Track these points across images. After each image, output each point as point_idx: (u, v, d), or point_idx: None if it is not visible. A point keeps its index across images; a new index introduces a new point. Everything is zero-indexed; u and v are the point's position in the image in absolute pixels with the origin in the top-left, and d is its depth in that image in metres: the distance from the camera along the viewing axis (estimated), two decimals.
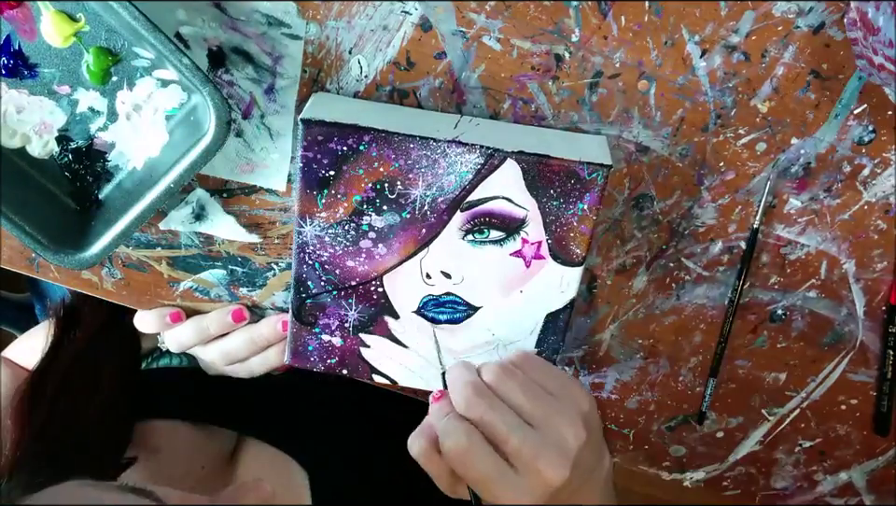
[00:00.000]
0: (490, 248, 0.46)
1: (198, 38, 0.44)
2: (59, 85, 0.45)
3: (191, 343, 0.54)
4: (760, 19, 0.43)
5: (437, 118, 0.45)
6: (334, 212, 0.45)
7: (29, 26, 0.43)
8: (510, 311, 0.48)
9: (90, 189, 0.48)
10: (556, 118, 0.46)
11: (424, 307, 0.48)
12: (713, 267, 0.52)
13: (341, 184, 0.44)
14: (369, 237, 0.46)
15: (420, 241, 0.45)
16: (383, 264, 0.46)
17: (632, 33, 0.43)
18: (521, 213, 0.44)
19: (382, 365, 0.51)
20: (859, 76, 0.44)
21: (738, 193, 0.49)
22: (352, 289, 0.48)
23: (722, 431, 0.59)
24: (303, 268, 0.47)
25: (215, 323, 0.53)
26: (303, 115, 0.42)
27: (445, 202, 0.44)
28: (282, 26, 0.44)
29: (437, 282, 0.47)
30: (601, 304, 0.53)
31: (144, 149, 0.47)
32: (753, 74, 0.45)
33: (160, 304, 0.54)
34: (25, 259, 0.53)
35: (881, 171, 0.48)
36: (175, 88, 0.45)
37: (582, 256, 0.46)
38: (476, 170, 0.43)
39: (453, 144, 0.42)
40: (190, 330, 0.54)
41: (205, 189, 0.49)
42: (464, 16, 0.43)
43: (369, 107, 0.45)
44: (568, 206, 0.44)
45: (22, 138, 0.46)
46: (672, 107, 0.46)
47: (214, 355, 0.54)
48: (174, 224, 0.50)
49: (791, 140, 0.47)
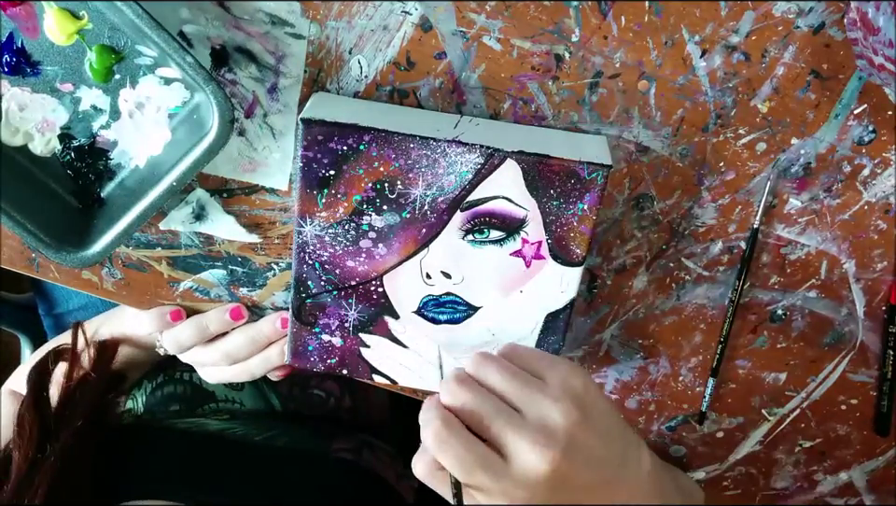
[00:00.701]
0: (490, 248, 0.46)
1: (201, 37, 0.44)
2: (61, 83, 0.45)
3: (191, 342, 0.54)
4: (760, 19, 0.43)
5: (437, 117, 0.46)
6: (334, 212, 0.45)
7: (32, 24, 0.43)
8: (510, 311, 0.48)
9: (92, 188, 0.48)
10: (556, 118, 0.46)
11: (424, 307, 0.48)
12: (713, 267, 0.52)
13: (341, 184, 0.44)
14: (369, 237, 0.46)
15: (420, 241, 0.46)
16: (383, 264, 0.46)
17: (632, 33, 0.44)
18: (521, 213, 0.44)
19: (382, 365, 0.51)
20: (859, 76, 0.45)
21: (738, 193, 0.49)
22: (352, 289, 0.48)
23: (722, 431, 0.59)
24: (303, 268, 0.47)
25: (214, 321, 0.53)
26: (303, 114, 0.42)
27: (445, 201, 0.44)
28: (285, 25, 0.44)
29: (437, 282, 0.47)
30: (601, 304, 0.53)
31: (146, 148, 0.47)
32: (753, 74, 0.45)
33: (160, 304, 0.54)
34: (26, 259, 0.53)
35: (881, 171, 0.48)
36: (178, 86, 0.45)
37: (583, 256, 0.46)
38: (476, 170, 0.43)
39: (453, 144, 0.43)
40: (190, 329, 0.54)
41: (206, 188, 0.50)
42: (464, 16, 0.44)
43: (369, 107, 0.45)
44: (568, 206, 0.44)
45: (25, 136, 0.46)
46: (672, 107, 0.46)
47: (215, 356, 0.54)
48: (174, 224, 0.50)
49: (792, 140, 0.47)
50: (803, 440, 0.59)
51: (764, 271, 0.52)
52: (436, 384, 0.51)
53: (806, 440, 0.59)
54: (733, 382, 0.57)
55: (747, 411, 0.58)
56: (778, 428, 0.59)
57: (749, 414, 0.58)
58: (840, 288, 0.52)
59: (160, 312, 0.54)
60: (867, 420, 0.58)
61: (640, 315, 0.54)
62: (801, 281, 0.52)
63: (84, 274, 0.53)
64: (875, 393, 0.57)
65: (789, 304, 0.53)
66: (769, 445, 0.60)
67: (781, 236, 0.51)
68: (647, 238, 0.51)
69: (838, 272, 0.52)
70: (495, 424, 0.38)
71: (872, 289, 0.52)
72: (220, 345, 0.54)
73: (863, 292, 0.52)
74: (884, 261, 0.51)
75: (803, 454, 0.60)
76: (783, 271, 0.52)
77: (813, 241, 0.51)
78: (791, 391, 0.57)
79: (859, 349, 0.55)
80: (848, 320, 0.54)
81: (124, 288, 0.54)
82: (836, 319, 0.54)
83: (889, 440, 0.58)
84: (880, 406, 0.57)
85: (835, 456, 0.60)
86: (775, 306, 0.53)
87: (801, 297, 0.53)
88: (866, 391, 0.57)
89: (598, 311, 0.54)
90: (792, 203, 0.49)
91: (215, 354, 0.54)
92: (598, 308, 0.54)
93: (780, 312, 0.53)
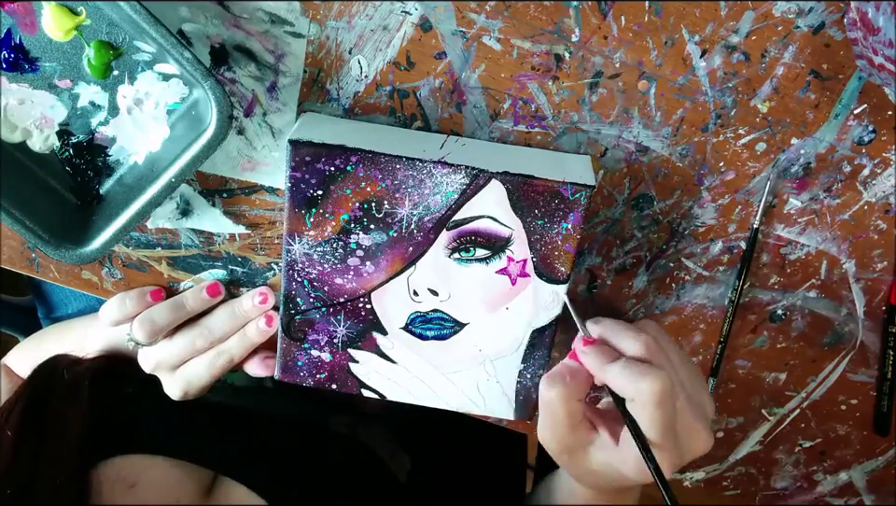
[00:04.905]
0: (476, 266, 0.46)
1: (200, 36, 0.44)
2: (60, 79, 0.45)
3: (165, 321, 0.51)
4: (760, 19, 0.43)
5: (423, 138, 0.46)
6: (322, 230, 0.45)
7: (30, 20, 0.43)
8: (496, 327, 0.48)
9: (90, 184, 0.48)
10: (556, 118, 0.46)
11: (411, 323, 0.48)
12: (713, 267, 0.52)
13: (329, 203, 0.44)
14: (356, 255, 0.46)
15: (407, 259, 0.46)
16: (370, 281, 0.47)
17: (632, 33, 0.44)
18: (506, 232, 0.45)
19: (370, 380, 0.51)
20: (859, 76, 0.45)
21: (738, 193, 0.49)
22: (340, 306, 0.48)
23: (722, 431, 0.59)
24: (292, 285, 0.48)
25: (191, 298, 0.52)
26: (291, 136, 0.43)
27: (432, 221, 0.45)
28: (285, 24, 0.44)
29: (424, 299, 0.47)
30: (601, 304, 0.53)
31: (145, 144, 0.47)
32: (753, 74, 0.45)
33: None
34: (26, 259, 0.53)
35: (881, 171, 0.48)
36: (177, 82, 0.45)
37: (567, 273, 0.46)
38: (462, 190, 0.44)
39: (438, 164, 0.43)
40: (165, 308, 0.51)
41: (206, 188, 0.49)
42: (464, 16, 0.44)
43: (356, 127, 0.46)
44: (553, 225, 0.45)
45: (23, 133, 0.46)
46: (672, 107, 0.46)
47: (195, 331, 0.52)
48: (160, 221, 0.50)
49: (791, 140, 0.47)
50: (803, 440, 0.59)
51: (764, 271, 0.52)
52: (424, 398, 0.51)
53: (806, 440, 0.59)
54: (733, 382, 0.57)
55: (747, 411, 0.58)
56: (778, 428, 0.59)
57: (748, 414, 0.58)
58: (840, 288, 0.52)
59: (140, 291, 0.52)
60: (867, 420, 0.58)
61: (640, 315, 0.54)
62: (801, 281, 0.52)
63: (84, 274, 0.53)
64: (874, 393, 0.57)
65: (789, 304, 0.53)
66: (769, 445, 0.59)
67: (781, 236, 0.51)
68: (647, 238, 0.51)
69: (838, 272, 0.52)
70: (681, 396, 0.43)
71: (871, 289, 0.52)
72: (201, 320, 0.52)
73: (863, 292, 0.52)
74: (884, 261, 0.51)
75: (803, 454, 0.60)
76: (783, 271, 0.52)
77: (813, 241, 0.51)
78: (790, 391, 0.57)
79: (858, 349, 0.55)
80: (848, 320, 0.54)
81: (124, 288, 0.54)
82: (836, 319, 0.54)
83: (888, 440, 0.58)
84: (880, 406, 0.57)
85: (835, 456, 0.60)
86: (774, 306, 0.53)
87: (801, 297, 0.53)
88: (866, 391, 0.57)
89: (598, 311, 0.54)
90: (792, 203, 0.49)
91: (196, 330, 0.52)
92: (598, 308, 0.54)
93: (780, 312, 0.53)
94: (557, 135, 0.47)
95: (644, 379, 0.41)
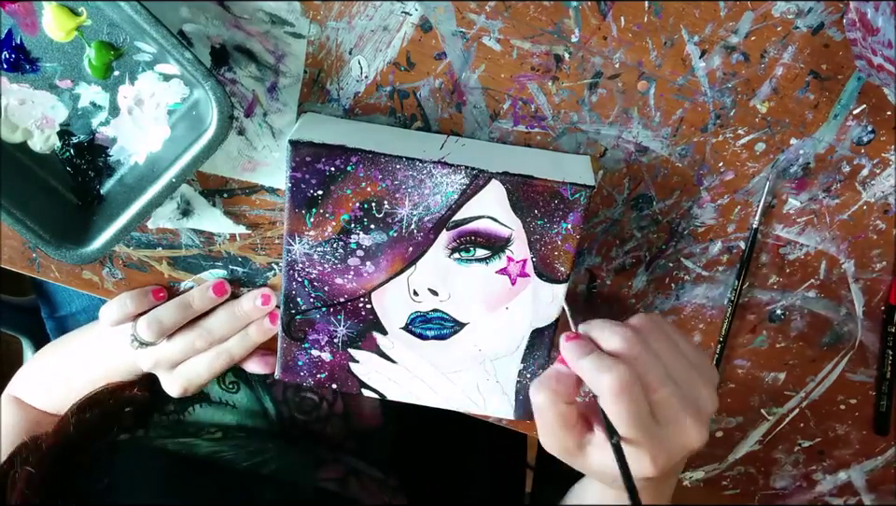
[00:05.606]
0: (476, 266, 0.46)
1: (201, 36, 0.44)
2: (60, 79, 0.45)
3: (172, 321, 0.51)
4: (759, 19, 0.43)
5: (423, 138, 0.46)
6: (323, 231, 0.45)
7: (30, 20, 0.43)
8: (496, 327, 0.48)
9: (91, 184, 0.48)
10: (556, 118, 0.47)
11: (411, 323, 0.49)
12: (712, 267, 0.52)
13: (329, 203, 0.45)
14: (357, 255, 0.46)
15: (407, 259, 0.46)
16: (371, 281, 0.47)
17: (631, 33, 0.44)
18: (506, 232, 0.45)
19: (371, 380, 0.51)
20: (858, 76, 0.45)
21: (738, 193, 0.49)
22: (340, 306, 0.48)
23: (722, 431, 0.59)
24: (293, 285, 0.48)
25: (197, 298, 0.52)
26: (291, 136, 0.43)
27: (432, 221, 0.45)
28: (285, 24, 0.44)
29: (424, 299, 0.48)
30: (601, 304, 0.53)
31: (145, 144, 0.47)
32: (752, 74, 0.45)
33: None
34: (26, 259, 0.53)
35: (880, 171, 0.48)
36: (177, 82, 0.45)
37: (567, 273, 0.46)
38: (461, 190, 0.44)
39: (438, 165, 0.43)
40: (172, 308, 0.51)
41: (206, 189, 0.50)
42: (464, 16, 0.44)
43: (356, 128, 0.46)
44: (552, 226, 0.45)
45: (24, 133, 0.46)
46: (671, 108, 0.46)
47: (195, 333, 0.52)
48: (160, 221, 0.50)
49: (791, 140, 0.47)
50: (802, 439, 0.59)
51: (763, 271, 0.52)
52: (424, 397, 0.51)
53: (806, 439, 0.59)
54: (732, 381, 0.57)
55: (746, 410, 0.58)
56: (778, 428, 0.59)
57: (748, 414, 0.58)
58: (839, 288, 0.52)
59: (142, 291, 0.52)
60: (866, 420, 0.58)
61: None
62: (800, 281, 0.52)
63: (85, 274, 0.53)
64: (873, 393, 0.57)
65: (788, 304, 0.53)
66: (768, 445, 0.60)
67: (780, 236, 0.51)
68: (646, 238, 0.51)
69: (837, 272, 0.52)
70: (663, 388, 0.40)
71: (871, 289, 0.52)
72: (200, 322, 0.52)
73: (862, 292, 0.52)
74: (883, 261, 0.51)
75: (802, 453, 0.60)
76: (782, 271, 0.52)
77: (812, 241, 0.51)
78: (790, 391, 0.57)
79: (858, 349, 0.55)
80: (847, 320, 0.54)
81: (125, 288, 0.54)
82: (835, 319, 0.54)
83: (887, 439, 0.58)
84: (879, 406, 0.57)
85: (834, 456, 0.60)
86: (774, 306, 0.53)
87: (800, 297, 0.53)
88: (865, 391, 0.57)
89: (598, 311, 0.54)
90: (791, 204, 0.49)
91: (196, 331, 0.52)
92: (598, 308, 0.54)
93: (779, 312, 0.54)
94: (557, 136, 0.47)
95: (604, 373, 0.40)
